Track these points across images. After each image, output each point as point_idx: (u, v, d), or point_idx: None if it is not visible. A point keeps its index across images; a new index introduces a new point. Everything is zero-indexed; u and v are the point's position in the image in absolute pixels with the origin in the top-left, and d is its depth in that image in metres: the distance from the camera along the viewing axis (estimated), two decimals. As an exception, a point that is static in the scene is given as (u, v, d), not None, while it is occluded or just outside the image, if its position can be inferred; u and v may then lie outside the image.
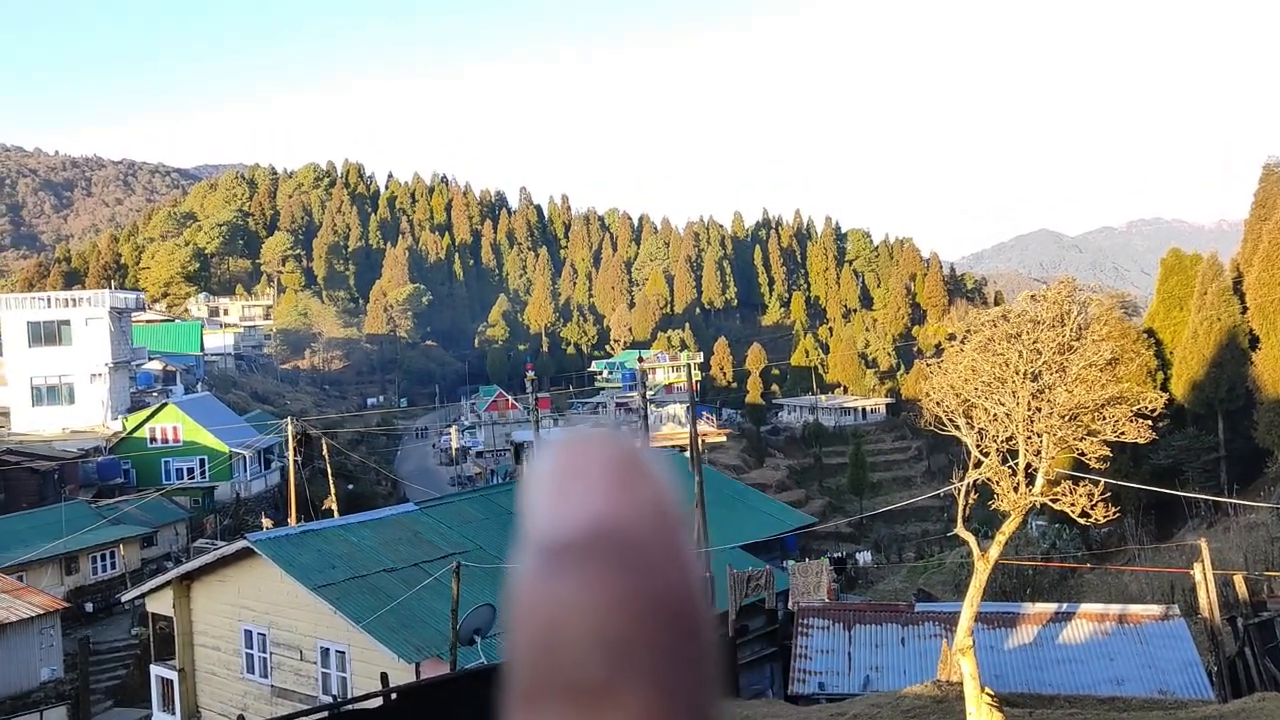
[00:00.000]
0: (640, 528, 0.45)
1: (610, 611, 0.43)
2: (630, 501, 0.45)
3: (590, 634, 0.42)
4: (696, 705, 0.44)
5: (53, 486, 47.50)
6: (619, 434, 0.48)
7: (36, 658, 31.70)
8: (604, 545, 0.44)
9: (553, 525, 0.45)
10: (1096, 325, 17.84)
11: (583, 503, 0.45)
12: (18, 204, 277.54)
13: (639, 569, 0.44)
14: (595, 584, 0.43)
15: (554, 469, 0.46)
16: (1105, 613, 24.18)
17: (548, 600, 0.43)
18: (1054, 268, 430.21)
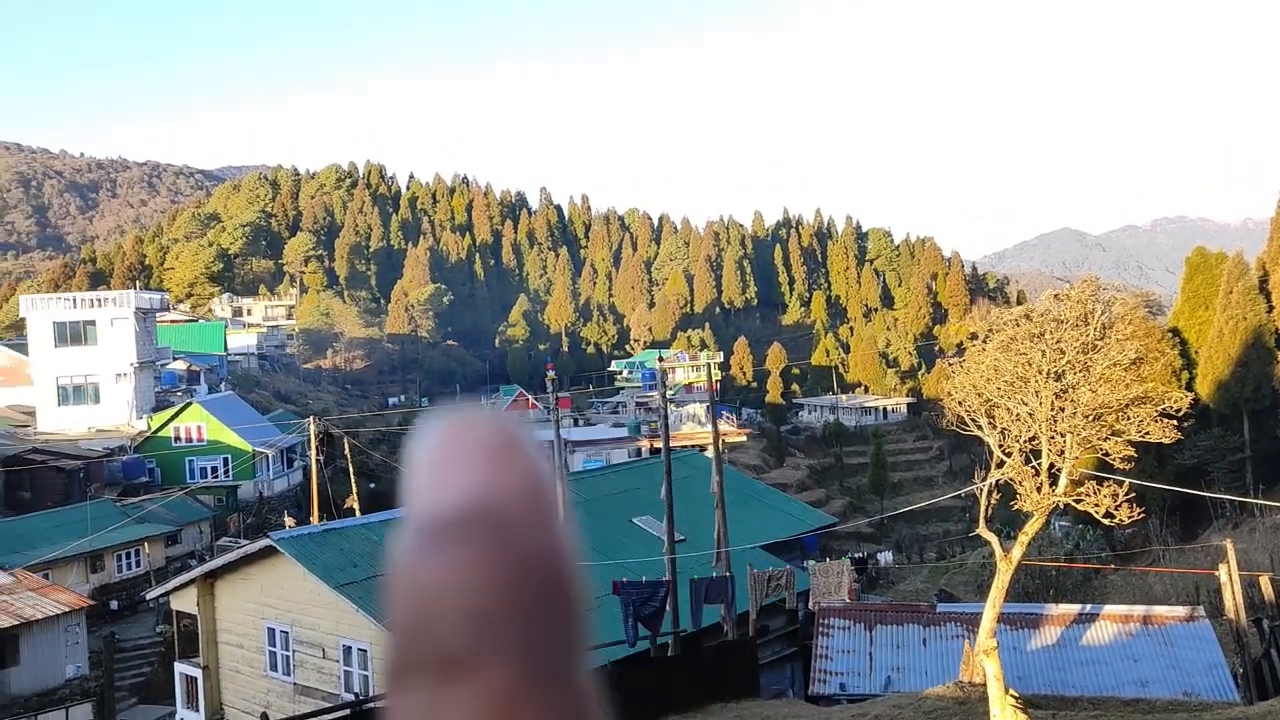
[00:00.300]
0: (509, 505, 0.46)
1: (477, 585, 0.44)
2: (500, 480, 0.46)
3: (458, 607, 0.44)
4: (561, 672, 0.45)
5: (78, 485, 47.98)
6: (492, 416, 0.49)
7: (62, 655, 32.02)
8: (473, 523, 0.45)
9: (427, 505, 0.46)
10: (1121, 324, 17.70)
11: (455, 483, 0.46)
12: (44, 205, 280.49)
13: (506, 544, 0.45)
14: (463, 560, 0.44)
15: (430, 452, 0.48)
16: (1129, 614, 23.99)
17: (419, 577, 0.45)
18: (1077, 266, 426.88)
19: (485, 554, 0.45)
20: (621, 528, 31.35)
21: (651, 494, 29.25)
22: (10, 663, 30.49)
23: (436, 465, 0.47)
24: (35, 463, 47.98)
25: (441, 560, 0.45)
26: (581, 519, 28.61)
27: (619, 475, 37.25)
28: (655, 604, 21.64)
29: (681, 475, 30.24)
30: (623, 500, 33.02)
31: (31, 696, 30.40)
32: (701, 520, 28.98)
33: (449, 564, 0.45)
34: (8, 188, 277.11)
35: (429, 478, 0.47)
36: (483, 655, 0.44)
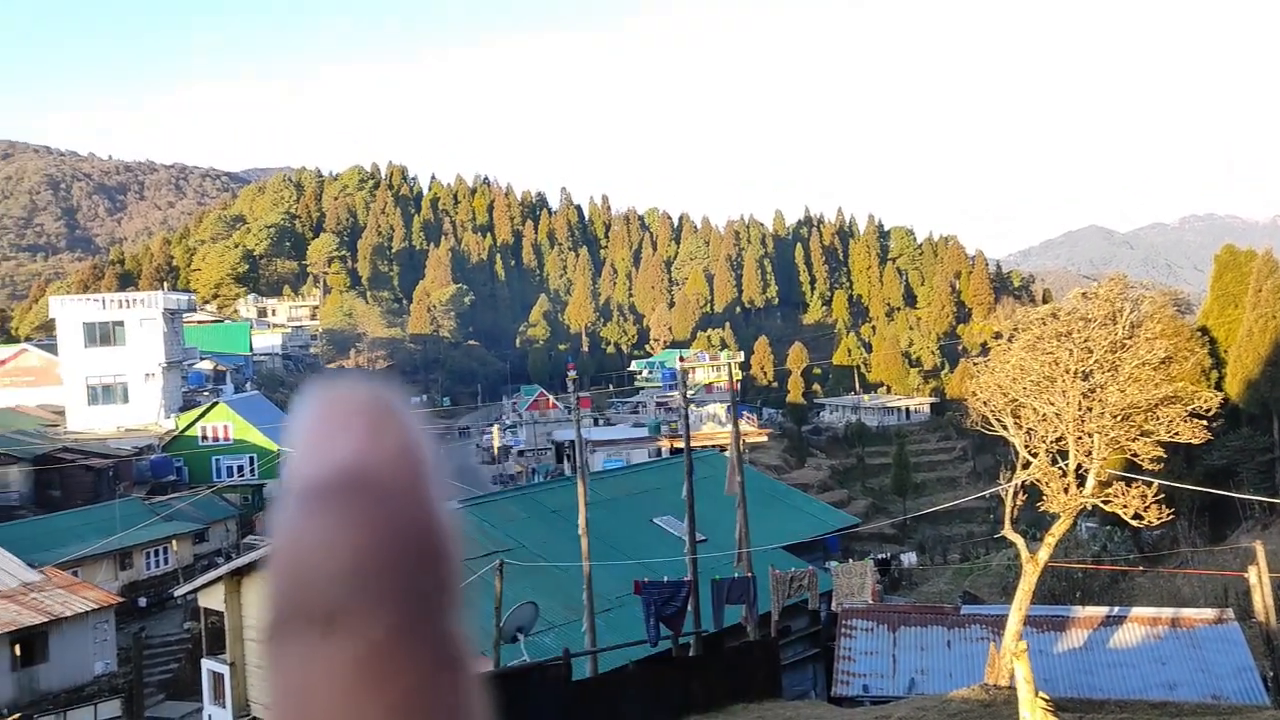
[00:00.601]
0: (383, 469, 0.48)
1: (351, 544, 0.46)
2: (375, 446, 0.49)
3: (333, 564, 0.46)
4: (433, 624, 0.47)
5: (107, 484, 48.47)
6: (368, 387, 0.52)
7: (91, 652, 32.34)
8: (348, 486, 0.47)
9: (305, 471, 0.49)
10: (1149, 323, 17.55)
11: (331, 450, 0.49)
12: (73, 207, 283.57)
13: (379, 506, 0.47)
14: (339, 520, 0.47)
15: (310, 421, 0.50)
16: (1157, 616, 23.79)
17: (297, 538, 0.47)
18: (1104, 265, 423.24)
19: (359, 515, 0.47)
20: (642, 527, 31.34)
21: (672, 494, 29.23)
22: (40, 659, 30.83)
23: (315, 434, 0.49)
24: (65, 461, 48.50)
25: (318, 521, 0.47)
26: (602, 519, 28.64)
27: (639, 475, 37.26)
28: (677, 604, 21.62)
29: (702, 475, 30.20)
30: (643, 500, 33.00)
31: (61, 693, 30.73)
32: (722, 520, 28.93)
33: (325, 524, 0.47)
34: (38, 190, 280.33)
35: (308, 446, 0.49)
36: (356, 608, 0.46)
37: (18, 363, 70.17)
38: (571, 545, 25.39)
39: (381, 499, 0.48)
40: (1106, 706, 19.62)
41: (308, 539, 0.47)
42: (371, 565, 0.47)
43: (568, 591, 25.25)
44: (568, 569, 25.56)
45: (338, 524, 0.47)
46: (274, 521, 0.48)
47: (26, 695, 30.05)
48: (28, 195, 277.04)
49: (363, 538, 0.47)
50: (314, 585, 0.47)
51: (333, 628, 0.46)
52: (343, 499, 0.48)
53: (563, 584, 25.85)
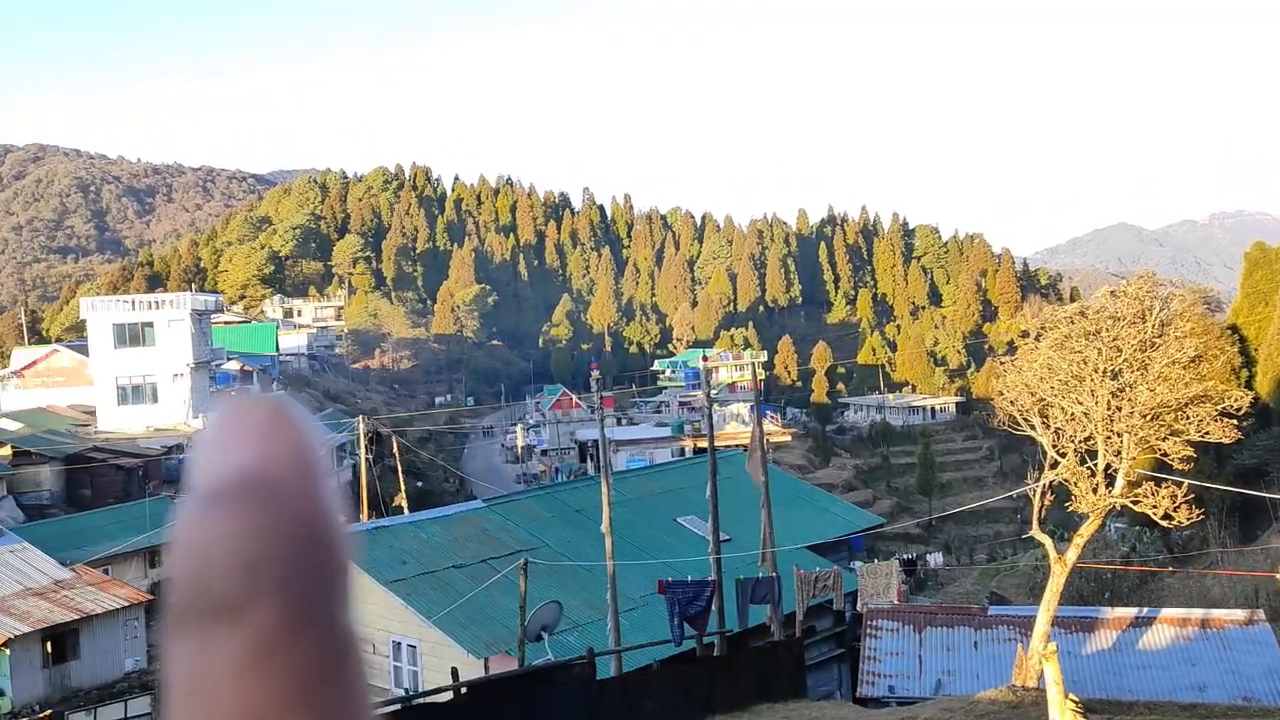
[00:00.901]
0: (276, 471, 0.51)
1: (245, 539, 0.49)
2: (269, 451, 0.52)
3: (227, 558, 0.49)
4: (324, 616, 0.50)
5: (137, 483, 48.99)
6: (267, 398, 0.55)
7: (122, 648, 32.69)
8: (243, 486, 0.50)
9: (204, 475, 0.52)
10: (1179, 321, 17.38)
11: (229, 455, 0.52)
12: (102, 210, 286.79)
13: (272, 504, 0.50)
14: (233, 517, 0.49)
15: (212, 430, 0.53)
16: (1187, 617, 23.55)
17: (194, 536, 0.50)
18: (1133, 262, 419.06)
19: (253, 512, 0.50)
20: (666, 527, 31.33)
21: (695, 493, 29.22)
22: (71, 656, 31.19)
23: (215, 441, 0.53)
24: (96, 461, 49.09)
25: (214, 518, 0.50)
26: (626, 518, 28.65)
27: (663, 475, 37.25)
28: (701, 603, 21.61)
29: (726, 475, 30.15)
30: (667, 500, 33.00)
31: (92, 689, 31.07)
32: (746, 520, 28.88)
33: (220, 521, 0.49)
34: (68, 193, 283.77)
35: (208, 453, 0.52)
36: (249, 600, 0.48)
37: (49, 363, 71.06)
38: (595, 544, 25.43)
39: (272, 498, 0.50)
40: (1136, 708, 19.45)
41: (205, 534, 0.49)
42: (262, 559, 0.49)
43: (592, 590, 25.29)
44: (592, 568, 25.60)
45: (233, 520, 0.49)
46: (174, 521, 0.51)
47: (58, 692, 30.42)
48: (58, 198, 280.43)
49: (254, 533, 0.49)
50: (207, 579, 0.49)
51: (225, 619, 0.48)
52: (235, 498, 0.50)
53: (587, 583, 25.89)
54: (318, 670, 0.49)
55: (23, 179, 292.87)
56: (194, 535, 0.50)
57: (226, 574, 0.48)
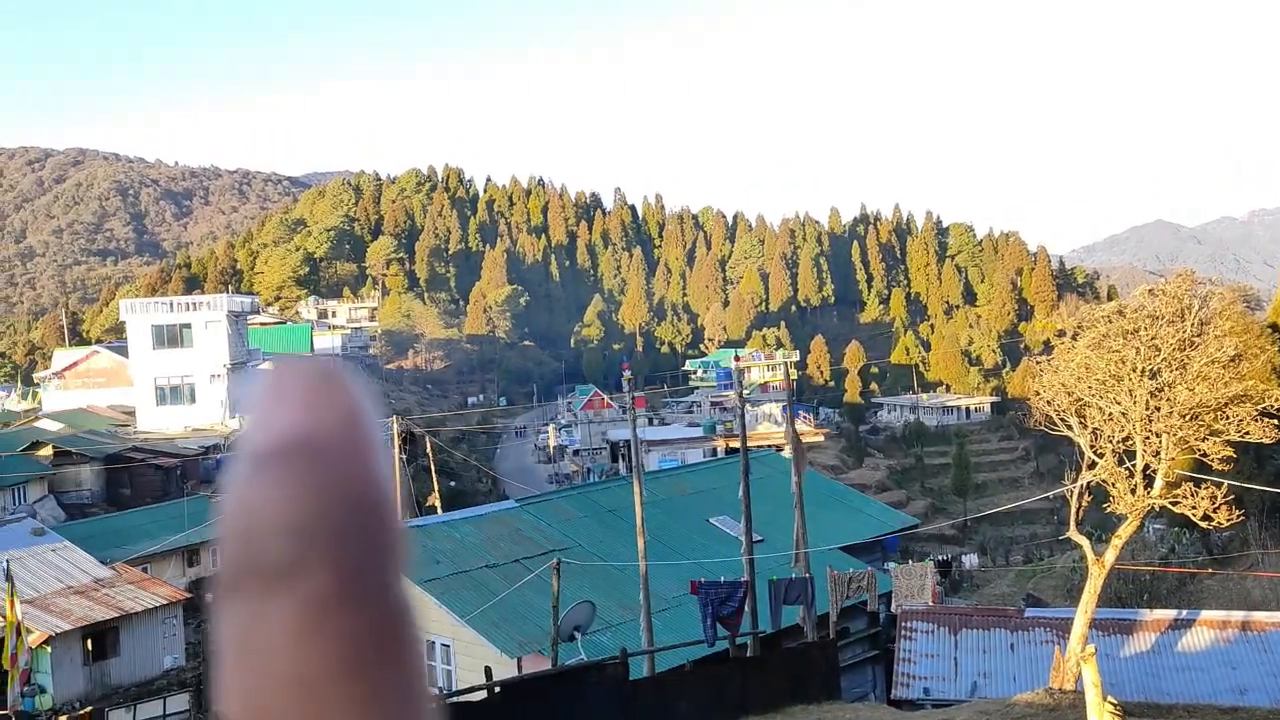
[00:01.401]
0: (327, 434, 0.51)
1: (297, 504, 0.49)
2: (320, 414, 0.52)
3: (280, 523, 0.49)
4: (376, 576, 0.50)
5: (175, 482, 49.66)
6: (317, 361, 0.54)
7: (160, 646, 33.12)
8: (294, 450, 0.50)
9: (255, 438, 0.51)
10: (1218, 320, 17.14)
11: (279, 417, 0.52)
12: (141, 213, 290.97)
13: (323, 469, 0.50)
14: (285, 482, 0.49)
15: (261, 392, 0.53)
16: (1227, 620, 23.21)
17: (246, 500, 0.49)
18: (1171, 260, 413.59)
19: (305, 477, 0.49)
20: (698, 527, 31.30)
21: (728, 494, 29.16)
22: (111, 654, 31.64)
23: (265, 404, 0.53)
24: (135, 461, 49.82)
25: (266, 483, 0.49)
26: (658, 518, 28.66)
27: (695, 475, 37.22)
28: (734, 604, 21.57)
29: (758, 475, 30.09)
30: (699, 500, 32.97)
31: (131, 687, 31.49)
32: (779, 520, 28.79)
33: (272, 486, 0.49)
34: (107, 196, 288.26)
35: (258, 415, 0.52)
36: (302, 565, 0.48)
37: (89, 364, 72.25)
38: (628, 544, 25.46)
39: (325, 462, 0.50)
40: (1175, 711, 19.20)
41: (257, 499, 0.49)
42: (316, 524, 0.49)
43: (624, 591, 25.32)
44: (624, 568, 25.63)
45: (284, 485, 0.49)
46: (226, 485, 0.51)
47: (98, 689, 30.88)
48: (98, 201, 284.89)
49: (307, 498, 0.49)
50: (261, 543, 0.49)
51: (281, 582, 0.48)
52: (288, 462, 0.50)
53: (619, 583, 25.93)
54: (371, 637, 0.49)
55: (63, 183, 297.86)
56: (246, 498, 0.49)
57: (279, 537, 0.49)
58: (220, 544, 0.50)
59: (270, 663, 0.48)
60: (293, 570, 0.48)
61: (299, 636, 0.48)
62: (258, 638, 0.48)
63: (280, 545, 0.48)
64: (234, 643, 0.49)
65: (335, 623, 0.48)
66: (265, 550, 0.48)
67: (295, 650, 0.48)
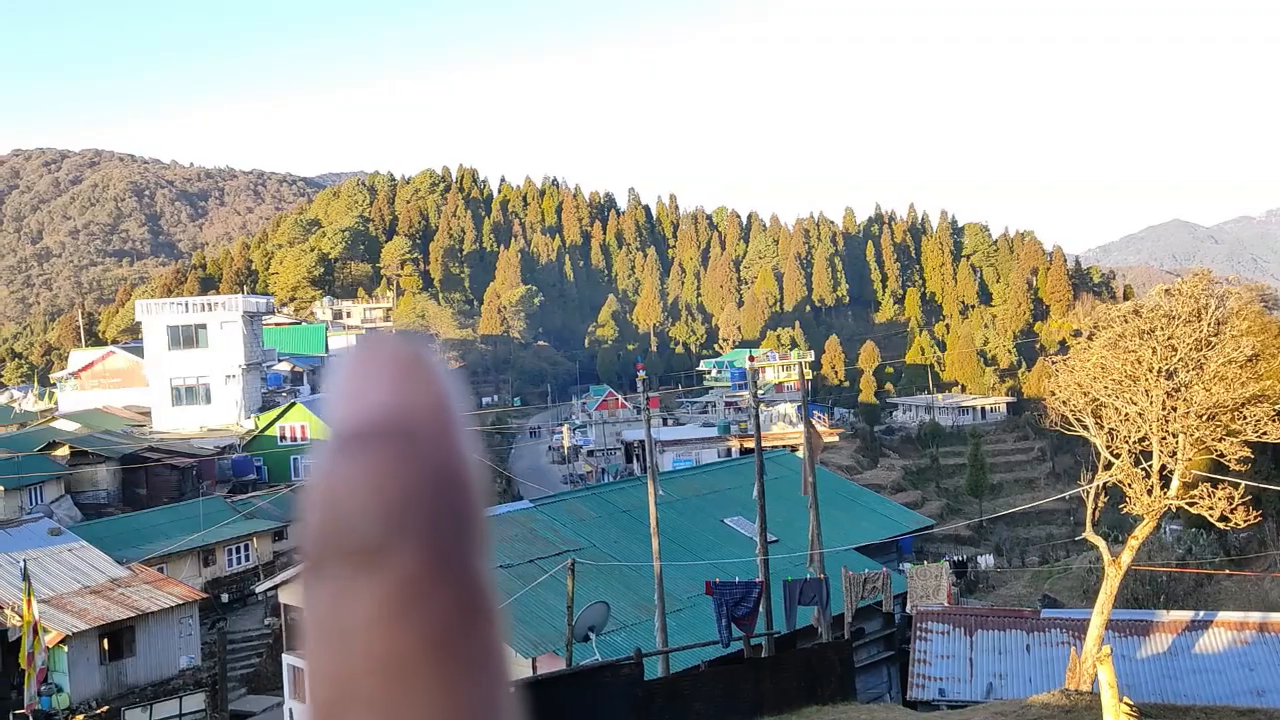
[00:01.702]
0: (414, 414, 0.51)
1: (385, 484, 0.49)
2: (408, 394, 0.51)
3: (368, 503, 0.49)
4: (462, 562, 0.50)
5: (191, 482, 49.93)
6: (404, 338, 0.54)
7: (176, 646, 33.30)
8: (383, 431, 0.50)
9: (343, 418, 0.51)
10: (1235, 320, 17.03)
11: (366, 397, 0.51)
12: (156, 214, 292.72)
13: (412, 449, 0.50)
14: (373, 462, 0.49)
15: (346, 371, 0.53)
16: (1244, 621, 23.05)
17: (334, 480, 0.49)
18: (1188, 259, 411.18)
19: (393, 457, 0.49)
20: (713, 528, 31.29)
21: (743, 494, 29.13)
22: (128, 653, 31.83)
23: (351, 383, 0.52)
24: (151, 461, 50.11)
25: (354, 463, 0.49)
26: (672, 519, 28.65)
27: (709, 475, 37.19)
28: (748, 605, 21.55)
29: (773, 476, 30.05)
30: (714, 500, 32.95)
31: (147, 686, 31.68)
32: (794, 521, 28.75)
33: (361, 466, 0.49)
34: (123, 197, 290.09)
35: (346, 394, 0.52)
36: (390, 545, 0.48)
37: (106, 365, 72.73)
38: (642, 545, 25.47)
39: (414, 443, 0.50)
40: (1192, 713, 19.09)
41: (345, 478, 0.49)
42: (405, 505, 0.49)
43: (639, 591, 25.32)
44: (639, 569, 25.64)
45: (373, 465, 0.49)
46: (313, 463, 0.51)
47: (115, 688, 31.06)
48: (113, 202, 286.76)
49: (397, 478, 0.49)
50: (350, 522, 0.49)
51: (368, 563, 0.48)
52: (377, 442, 0.50)
53: (634, 584, 25.93)
54: (457, 617, 0.49)
55: (79, 184, 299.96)
56: (333, 478, 0.50)
57: (367, 517, 0.49)
58: (307, 524, 0.50)
59: (358, 643, 0.48)
60: (381, 551, 0.48)
61: (387, 617, 0.48)
62: (345, 618, 0.48)
63: (369, 526, 0.48)
64: (321, 623, 0.49)
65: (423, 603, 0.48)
66: (354, 530, 0.49)
67: (383, 630, 0.48)
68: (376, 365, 0.53)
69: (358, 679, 0.48)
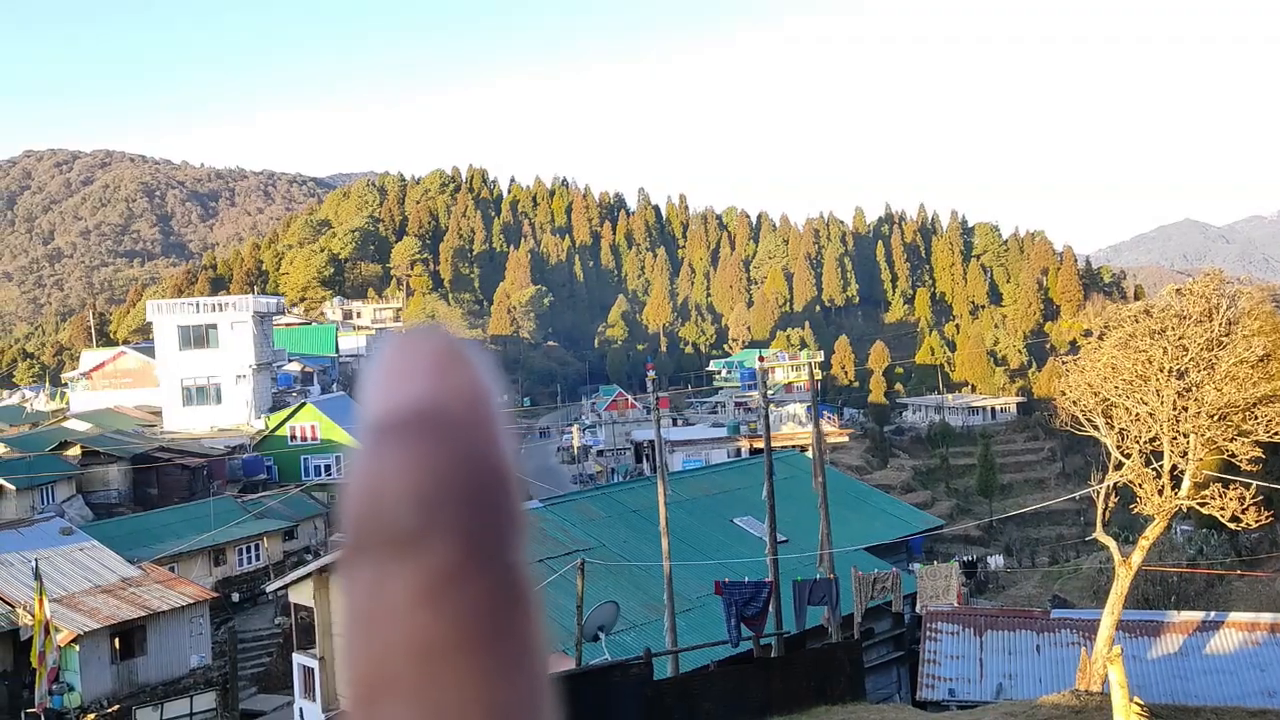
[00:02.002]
0: (452, 406, 0.52)
1: (423, 474, 0.49)
2: (445, 385, 0.52)
3: (405, 493, 0.49)
4: (499, 549, 0.50)
5: (202, 482, 50.12)
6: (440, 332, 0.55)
7: (187, 645, 33.42)
8: (420, 421, 0.51)
9: (381, 409, 0.52)
10: (1247, 320, 16.97)
11: (405, 388, 0.52)
12: (167, 214, 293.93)
13: (449, 439, 0.50)
14: (410, 452, 0.50)
15: (385, 363, 0.54)
16: (1256, 622, 22.97)
17: (372, 469, 0.50)
18: (1199, 259, 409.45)
19: (430, 447, 0.50)
20: (722, 528, 31.28)
21: (752, 494, 29.12)
22: (139, 652, 31.96)
23: (389, 375, 0.53)
24: (162, 460, 50.32)
25: (391, 453, 0.50)
26: (682, 519, 28.65)
27: (719, 475, 37.19)
28: (758, 605, 21.55)
29: (783, 476, 30.03)
30: (723, 500, 32.95)
31: (159, 685, 31.80)
32: (803, 521, 28.72)
33: (398, 456, 0.50)
34: (134, 198, 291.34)
35: (383, 385, 0.53)
36: (427, 534, 0.49)
37: (117, 365, 73.05)
38: (652, 545, 25.48)
39: (451, 433, 0.51)
40: (1203, 714, 19.01)
41: (383, 468, 0.50)
42: (442, 494, 0.49)
43: (648, 591, 25.34)
44: (648, 568, 25.65)
45: (410, 454, 0.50)
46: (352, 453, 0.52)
47: (126, 687, 31.20)
48: (124, 203, 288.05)
49: (434, 468, 0.50)
50: (388, 511, 0.49)
51: (406, 551, 0.49)
52: (415, 432, 0.50)
53: (643, 583, 25.95)
54: (492, 607, 0.49)
55: (91, 184, 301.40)
56: (370, 467, 0.50)
57: (405, 506, 0.49)
58: (346, 512, 0.51)
59: (394, 630, 0.49)
60: (419, 540, 0.49)
61: (423, 605, 0.48)
62: (382, 605, 0.49)
63: (407, 514, 0.49)
64: (358, 610, 0.50)
65: (459, 592, 0.49)
66: (392, 519, 0.49)
67: (419, 618, 0.48)
68: (414, 357, 0.53)
69: (393, 663, 0.49)
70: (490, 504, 0.50)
